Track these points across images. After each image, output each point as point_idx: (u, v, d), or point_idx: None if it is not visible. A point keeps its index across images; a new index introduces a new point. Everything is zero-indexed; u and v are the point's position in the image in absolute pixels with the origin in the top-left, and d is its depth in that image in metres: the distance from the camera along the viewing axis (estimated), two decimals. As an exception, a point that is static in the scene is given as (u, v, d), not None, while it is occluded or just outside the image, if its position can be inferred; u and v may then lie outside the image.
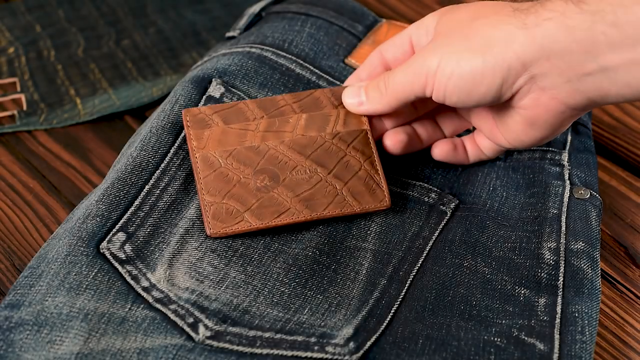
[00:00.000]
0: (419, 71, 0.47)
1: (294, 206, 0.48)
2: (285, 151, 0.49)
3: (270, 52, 0.57)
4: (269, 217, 0.48)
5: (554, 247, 0.49)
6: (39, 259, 0.46)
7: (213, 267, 0.46)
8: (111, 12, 0.75)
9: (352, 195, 0.49)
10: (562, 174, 0.54)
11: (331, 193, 0.49)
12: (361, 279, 0.48)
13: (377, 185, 0.49)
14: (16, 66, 0.68)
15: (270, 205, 0.48)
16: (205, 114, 0.51)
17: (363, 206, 0.49)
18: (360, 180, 0.49)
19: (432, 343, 0.44)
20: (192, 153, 0.49)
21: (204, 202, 0.48)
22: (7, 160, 0.60)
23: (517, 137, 0.49)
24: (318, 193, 0.48)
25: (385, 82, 0.49)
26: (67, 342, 0.42)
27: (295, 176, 0.49)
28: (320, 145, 0.50)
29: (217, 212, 0.47)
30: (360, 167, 0.49)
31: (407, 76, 0.48)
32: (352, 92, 0.51)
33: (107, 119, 0.64)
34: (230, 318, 0.44)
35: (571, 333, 0.44)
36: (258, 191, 0.48)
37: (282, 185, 0.48)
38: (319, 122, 0.51)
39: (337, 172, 0.49)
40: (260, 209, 0.48)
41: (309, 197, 0.48)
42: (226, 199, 0.48)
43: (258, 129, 0.50)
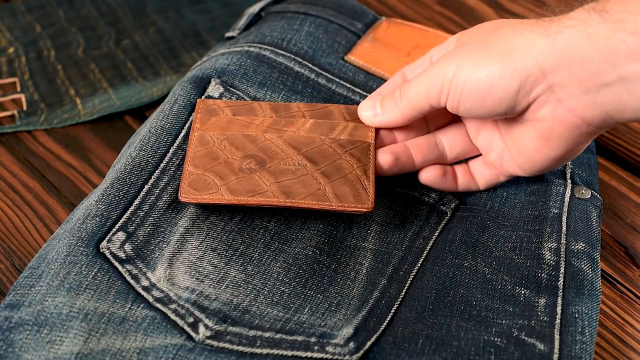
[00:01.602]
0: (436, 76, 0.46)
1: (271, 190, 0.47)
2: (281, 144, 0.49)
3: (269, 50, 0.57)
4: (243, 194, 0.47)
5: (554, 248, 0.49)
6: (39, 259, 0.46)
7: (213, 266, 0.46)
8: (111, 12, 0.75)
9: (333, 192, 0.48)
10: (564, 173, 0.54)
11: (312, 186, 0.48)
12: (361, 279, 0.48)
13: (363, 189, 0.48)
14: (16, 66, 0.68)
15: (248, 185, 0.47)
16: (218, 106, 0.51)
17: (342, 204, 0.47)
18: (347, 182, 0.48)
19: (432, 343, 0.44)
20: (192, 132, 0.50)
21: (185, 171, 0.48)
22: (7, 160, 0.60)
23: (530, 157, 0.49)
24: (299, 183, 0.48)
25: (401, 91, 0.49)
26: (67, 342, 0.42)
27: (282, 166, 0.48)
28: (318, 145, 0.50)
29: (194, 181, 0.47)
30: (351, 171, 0.49)
31: (423, 83, 0.47)
32: (367, 105, 0.51)
33: (107, 119, 0.64)
34: (230, 318, 0.44)
35: (571, 333, 0.44)
36: (240, 171, 0.48)
37: (265, 170, 0.48)
38: (324, 128, 0.51)
39: (325, 170, 0.49)
40: (237, 185, 0.47)
41: (289, 185, 0.48)
42: (207, 172, 0.48)
43: (262, 123, 0.50)
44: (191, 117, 0.53)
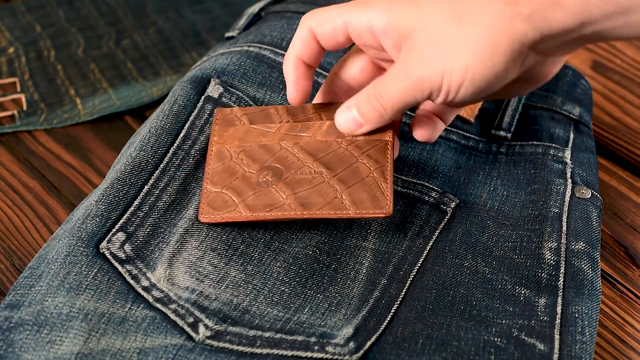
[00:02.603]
0: (420, 82, 0.44)
1: (288, 203, 0.47)
2: (297, 152, 0.49)
3: (269, 50, 0.57)
4: (260, 210, 0.47)
5: (554, 247, 0.49)
6: (39, 259, 0.46)
7: (213, 266, 0.46)
8: (111, 12, 0.75)
9: (351, 199, 0.47)
10: (565, 172, 0.54)
11: (329, 194, 0.47)
12: (361, 278, 0.48)
13: (381, 193, 0.47)
14: (16, 66, 0.68)
15: (265, 199, 0.47)
16: (235, 115, 0.51)
17: (360, 211, 0.47)
18: (364, 186, 0.47)
19: (432, 343, 0.44)
20: (210, 147, 0.50)
21: (204, 190, 0.48)
22: (7, 160, 0.60)
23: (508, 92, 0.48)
24: (316, 193, 0.47)
25: (380, 100, 0.46)
26: (67, 342, 0.41)
27: (298, 175, 0.48)
28: (334, 150, 0.49)
29: (213, 200, 0.48)
30: (369, 174, 0.48)
31: (405, 88, 0.45)
32: (346, 119, 0.48)
33: (107, 119, 0.64)
34: (230, 318, 0.44)
35: (571, 333, 0.44)
36: (257, 185, 0.48)
37: (282, 182, 0.48)
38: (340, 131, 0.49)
39: (342, 176, 0.48)
40: (254, 201, 0.47)
41: (306, 196, 0.47)
42: (225, 189, 0.48)
43: (279, 130, 0.50)
44: (191, 116, 0.53)
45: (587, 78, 0.65)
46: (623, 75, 0.71)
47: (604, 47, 0.74)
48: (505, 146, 0.57)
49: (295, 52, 0.48)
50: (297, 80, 0.49)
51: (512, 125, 0.58)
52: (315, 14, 0.47)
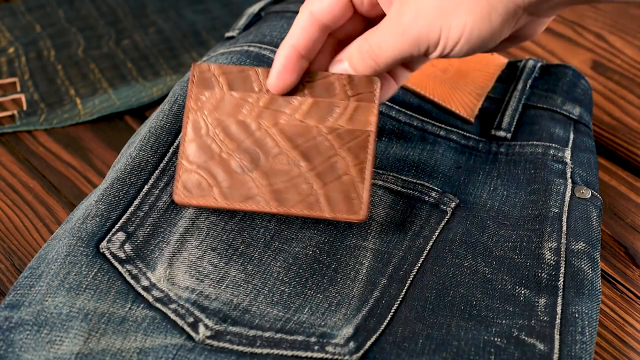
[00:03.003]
0: (417, 38, 0.43)
1: (263, 195, 0.46)
2: (276, 134, 0.47)
3: (269, 50, 0.57)
4: (235, 199, 0.46)
5: (554, 247, 0.49)
6: (39, 259, 0.46)
7: (213, 266, 0.46)
8: (111, 12, 0.75)
9: (325, 199, 0.46)
10: (565, 172, 0.54)
11: (305, 191, 0.46)
12: (361, 278, 0.48)
13: (357, 195, 0.46)
14: (16, 66, 0.68)
15: (241, 188, 0.47)
16: (214, 74, 0.48)
17: (334, 214, 0.46)
18: (341, 186, 0.46)
19: (432, 343, 0.44)
20: (186, 112, 0.48)
21: (179, 166, 0.47)
22: (7, 160, 0.60)
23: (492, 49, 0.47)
24: (292, 188, 0.46)
25: (373, 54, 0.45)
26: (67, 342, 0.42)
27: (275, 164, 0.47)
28: (314, 137, 0.47)
29: (187, 181, 0.47)
30: (347, 172, 0.47)
31: (401, 43, 0.44)
32: (334, 67, 0.47)
33: (107, 119, 0.64)
34: (230, 317, 0.44)
35: (571, 333, 0.44)
36: (233, 170, 0.47)
37: (259, 170, 0.47)
38: (323, 111, 0.48)
39: (320, 171, 0.47)
40: (229, 189, 0.47)
41: (281, 190, 0.46)
42: (201, 170, 0.47)
43: (258, 103, 0.48)
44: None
45: (587, 78, 0.65)
46: (623, 75, 0.71)
47: (604, 47, 0.74)
48: (505, 146, 0.57)
49: (290, 40, 0.46)
50: (282, 70, 0.47)
51: (512, 125, 0.58)
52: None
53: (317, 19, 0.46)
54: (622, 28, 0.77)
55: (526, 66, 0.63)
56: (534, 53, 0.74)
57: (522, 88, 0.61)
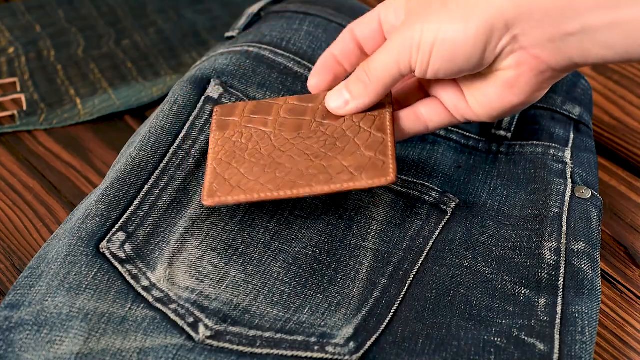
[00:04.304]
0: (403, 45, 0.45)
1: (290, 182, 0.47)
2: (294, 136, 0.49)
3: (268, 50, 0.57)
4: (264, 190, 0.46)
5: (554, 247, 0.49)
6: (39, 259, 0.46)
7: (213, 266, 0.46)
8: (111, 12, 0.75)
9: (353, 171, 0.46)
10: (565, 172, 0.54)
11: (332, 169, 0.47)
12: (361, 278, 0.48)
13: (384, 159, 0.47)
14: (16, 66, 0.68)
15: (268, 181, 0.47)
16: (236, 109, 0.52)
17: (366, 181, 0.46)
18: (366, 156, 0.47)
19: (432, 343, 0.44)
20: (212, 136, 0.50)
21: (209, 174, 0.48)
22: (7, 160, 0.60)
23: (490, 105, 0.48)
24: (318, 170, 0.47)
25: (366, 71, 0.48)
26: (67, 342, 0.42)
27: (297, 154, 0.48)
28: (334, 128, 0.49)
29: (217, 184, 0.47)
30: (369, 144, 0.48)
31: (391, 55, 0.46)
32: (334, 95, 0.50)
33: (107, 119, 0.64)
34: (230, 318, 0.44)
35: (571, 333, 0.44)
36: (258, 165, 0.48)
37: (282, 162, 0.48)
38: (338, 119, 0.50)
39: (343, 150, 0.48)
40: (260, 183, 0.47)
41: (308, 173, 0.47)
42: (230, 174, 0.47)
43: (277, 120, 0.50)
44: (191, 116, 0.53)
45: (587, 78, 0.65)
46: (623, 75, 0.71)
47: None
48: (505, 146, 0.57)
49: (331, 48, 0.52)
50: (320, 69, 0.51)
51: (512, 125, 0.58)
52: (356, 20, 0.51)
53: (354, 32, 0.51)
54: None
55: (526, 66, 0.62)
56: (534, 53, 0.74)
57: (522, 88, 0.61)
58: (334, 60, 0.51)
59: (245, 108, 0.51)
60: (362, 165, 0.47)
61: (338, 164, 0.47)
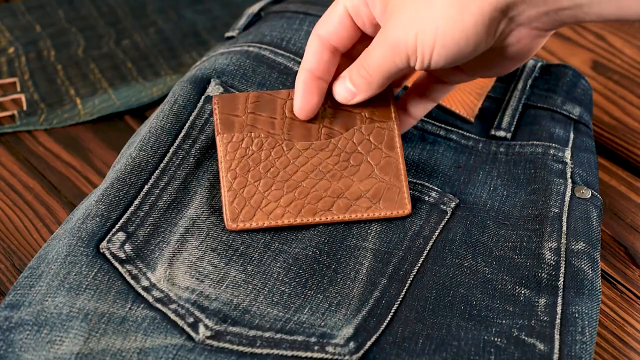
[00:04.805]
0: (396, 45, 0.44)
1: (308, 208, 0.49)
2: (305, 153, 0.50)
3: (268, 50, 0.57)
4: (284, 216, 0.48)
5: (554, 247, 0.49)
6: (39, 259, 0.46)
7: (213, 266, 0.46)
8: (111, 12, 0.75)
9: (370, 201, 0.49)
10: (565, 172, 0.54)
11: (348, 197, 0.49)
12: (361, 279, 0.48)
13: (399, 192, 0.50)
14: (16, 66, 0.68)
15: (286, 205, 0.48)
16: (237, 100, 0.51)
17: (381, 212, 0.49)
18: (380, 186, 0.49)
19: (432, 343, 0.44)
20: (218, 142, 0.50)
21: (224, 196, 0.48)
22: (7, 160, 0.60)
23: (487, 71, 0.48)
24: (334, 197, 0.49)
25: (365, 66, 0.47)
26: (67, 342, 0.41)
27: (312, 180, 0.49)
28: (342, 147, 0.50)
29: (238, 206, 0.48)
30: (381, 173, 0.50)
31: (385, 53, 0.45)
32: (340, 88, 0.49)
33: (107, 119, 0.64)
34: (230, 318, 0.44)
35: (571, 333, 0.44)
36: (275, 190, 0.48)
37: (299, 187, 0.49)
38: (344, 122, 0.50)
39: (355, 177, 0.49)
40: (276, 208, 0.48)
41: (323, 200, 0.49)
42: (248, 192, 0.48)
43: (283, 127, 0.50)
44: (191, 116, 0.52)
45: (587, 78, 0.65)
46: (623, 75, 0.71)
47: (604, 47, 0.74)
48: (505, 146, 0.57)
49: (305, 65, 0.49)
50: (304, 94, 0.49)
51: (512, 125, 0.58)
52: (319, 21, 0.48)
53: (326, 41, 0.48)
54: (622, 28, 0.77)
55: (526, 66, 0.63)
56: (534, 53, 0.74)
57: (522, 88, 0.61)
58: (313, 78, 0.49)
59: (247, 101, 0.51)
60: (379, 192, 0.49)
61: (356, 189, 0.49)
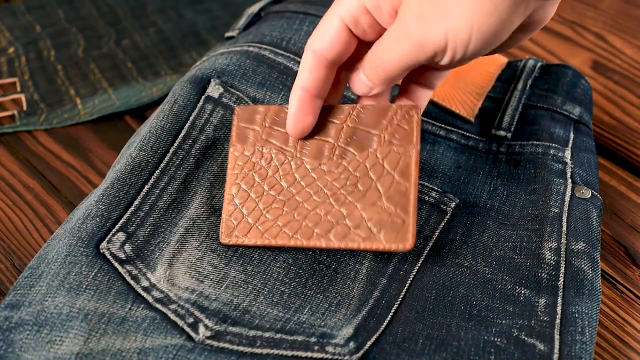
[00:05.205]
0: (422, 44, 0.42)
1: (307, 231, 0.46)
2: (314, 174, 0.48)
3: (268, 50, 0.57)
4: (280, 237, 0.47)
5: (554, 247, 0.49)
6: (39, 259, 0.46)
7: (213, 266, 0.46)
8: (111, 12, 0.75)
9: (370, 231, 0.45)
10: (565, 172, 0.54)
11: (350, 224, 0.46)
12: (361, 278, 0.48)
13: (403, 224, 0.45)
14: (16, 66, 0.68)
15: (284, 226, 0.47)
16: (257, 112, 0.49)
17: (380, 244, 0.45)
18: (386, 216, 0.45)
19: (432, 343, 0.44)
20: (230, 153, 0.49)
21: (225, 208, 0.48)
22: (7, 160, 0.60)
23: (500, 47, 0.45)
24: (335, 223, 0.46)
25: (380, 64, 0.44)
26: (67, 342, 0.42)
27: (316, 202, 0.47)
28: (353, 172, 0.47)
29: (235, 219, 0.47)
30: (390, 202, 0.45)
31: (406, 51, 0.43)
32: (357, 83, 0.46)
33: (107, 119, 0.64)
34: (230, 318, 0.44)
35: (571, 333, 0.44)
36: (276, 209, 0.47)
37: (300, 208, 0.47)
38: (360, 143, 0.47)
39: (362, 204, 0.46)
40: (273, 227, 0.47)
41: (324, 225, 0.46)
42: (244, 210, 0.48)
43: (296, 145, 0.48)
44: (191, 116, 0.52)
45: (587, 78, 0.65)
46: (623, 75, 0.71)
47: (604, 47, 0.74)
48: (505, 146, 0.57)
49: (300, 83, 0.46)
50: (298, 114, 0.47)
51: (512, 125, 0.58)
52: (313, 35, 0.46)
53: (322, 57, 0.45)
54: (622, 28, 0.77)
55: (526, 66, 0.63)
56: (534, 53, 0.74)
57: (522, 88, 0.61)
58: (309, 97, 0.46)
59: (267, 115, 0.49)
60: (381, 221, 0.45)
61: (357, 215, 0.46)
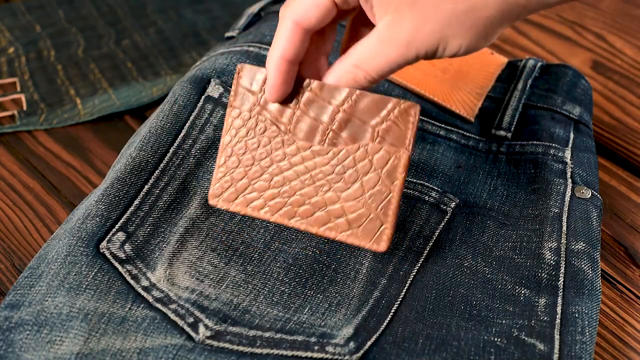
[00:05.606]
0: (409, 48, 0.42)
1: (288, 210, 0.46)
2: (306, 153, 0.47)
3: (268, 50, 0.57)
4: (263, 210, 0.46)
5: (554, 247, 0.49)
6: (39, 259, 0.46)
7: (213, 266, 0.46)
8: (111, 12, 0.75)
9: (349, 223, 0.45)
10: (565, 172, 0.54)
11: (330, 213, 0.46)
12: (361, 278, 0.48)
13: (381, 225, 0.45)
14: (16, 66, 0.68)
15: (268, 200, 0.46)
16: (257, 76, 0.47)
17: (355, 240, 0.45)
18: (366, 212, 0.45)
19: (432, 343, 0.44)
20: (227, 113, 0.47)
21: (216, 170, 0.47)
22: (7, 160, 0.60)
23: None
24: (318, 208, 0.46)
25: (367, 70, 0.44)
26: (67, 342, 0.42)
27: (303, 183, 0.47)
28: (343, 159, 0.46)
29: (225, 184, 0.47)
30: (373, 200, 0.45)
31: (393, 55, 0.43)
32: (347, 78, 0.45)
33: (107, 119, 0.64)
34: (230, 318, 0.44)
35: (571, 333, 0.44)
36: (264, 182, 0.47)
37: (287, 186, 0.47)
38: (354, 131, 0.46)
39: (346, 194, 0.46)
40: (259, 199, 0.46)
41: (307, 208, 0.46)
42: (235, 177, 0.47)
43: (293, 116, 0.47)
44: (191, 116, 0.53)
45: (587, 78, 0.65)
46: (623, 75, 0.71)
47: (604, 47, 0.74)
48: (506, 146, 0.57)
49: (278, 52, 0.44)
50: (278, 84, 0.45)
51: (512, 125, 0.58)
52: (290, 5, 0.44)
53: (300, 25, 0.44)
54: (622, 28, 0.77)
55: (526, 66, 0.63)
56: (534, 53, 0.74)
57: (523, 88, 0.61)
58: (290, 66, 0.45)
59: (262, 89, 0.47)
60: (360, 218, 0.45)
61: (339, 208, 0.46)
